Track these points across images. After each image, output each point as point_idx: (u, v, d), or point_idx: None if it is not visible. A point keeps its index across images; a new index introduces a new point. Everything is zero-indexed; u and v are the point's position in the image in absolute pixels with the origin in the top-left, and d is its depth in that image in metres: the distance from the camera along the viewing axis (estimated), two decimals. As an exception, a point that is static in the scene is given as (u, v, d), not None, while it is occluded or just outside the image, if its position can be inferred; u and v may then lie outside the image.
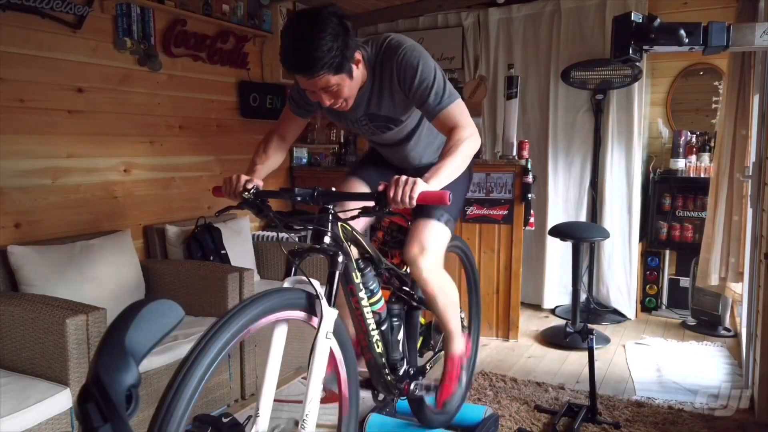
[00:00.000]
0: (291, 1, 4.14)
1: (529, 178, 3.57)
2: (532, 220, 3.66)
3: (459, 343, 2.09)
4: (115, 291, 2.67)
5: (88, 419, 1.03)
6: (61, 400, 1.97)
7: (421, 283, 1.89)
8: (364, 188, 2.04)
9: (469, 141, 1.64)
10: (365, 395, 2.08)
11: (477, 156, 3.66)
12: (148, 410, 2.29)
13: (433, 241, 1.86)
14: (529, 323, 4.04)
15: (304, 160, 4.39)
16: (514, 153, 3.67)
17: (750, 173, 3.05)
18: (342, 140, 4.36)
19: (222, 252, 3.21)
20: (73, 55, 2.82)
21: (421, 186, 1.45)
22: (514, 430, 2.49)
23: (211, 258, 3.13)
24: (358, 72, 1.67)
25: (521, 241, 3.62)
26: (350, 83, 1.64)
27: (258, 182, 1.69)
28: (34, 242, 2.56)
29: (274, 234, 3.70)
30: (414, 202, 1.44)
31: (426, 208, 1.90)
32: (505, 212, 3.61)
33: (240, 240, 3.42)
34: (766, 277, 2.47)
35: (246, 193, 1.63)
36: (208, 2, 3.50)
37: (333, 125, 4.41)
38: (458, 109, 1.70)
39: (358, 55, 1.64)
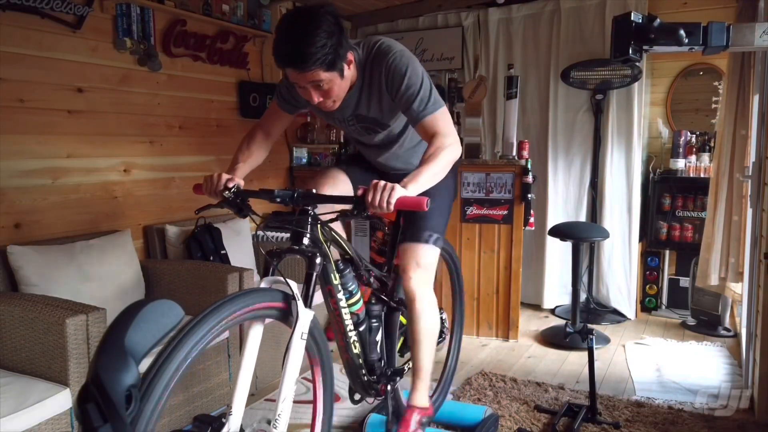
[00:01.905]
0: (291, 1, 4.14)
1: (529, 178, 3.57)
2: (531, 220, 3.65)
3: (423, 393, 2.04)
4: (115, 291, 2.67)
5: (87, 419, 1.03)
6: (61, 400, 1.97)
7: (408, 296, 1.93)
8: (344, 180, 2.05)
9: (449, 149, 1.66)
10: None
11: (476, 156, 3.71)
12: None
13: (425, 260, 1.93)
14: (529, 323, 4.04)
15: (304, 160, 4.39)
16: (514, 153, 3.67)
17: (750, 173, 3.05)
18: (342, 140, 4.36)
19: (222, 252, 3.21)
20: (73, 55, 2.82)
21: (399, 192, 1.46)
22: (514, 430, 2.49)
23: (211, 258, 3.13)
24: (349, 73, 1.69)
25: (521, 241, 3.62)
26: (340, 82, 1.65)
27: (239, 181, 1.70)
28: (33, 242, 2.56)
29: (276, 234, 3.69)
30: (392, 207, 1.45)
31: (412, 229, 1.95)
32: (505, 212, 3.61)
33: (240, 240, 3.42)
34: (766, 277, 2.47)
35: (226, 192, 1.64)
36: (208, 2, 3.50)
37: (333, 125, 4.41)
38: (441, 117, 1.72)
39: (350, 56, 1.66)
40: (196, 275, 2.79)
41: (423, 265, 1.92)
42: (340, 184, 2.03)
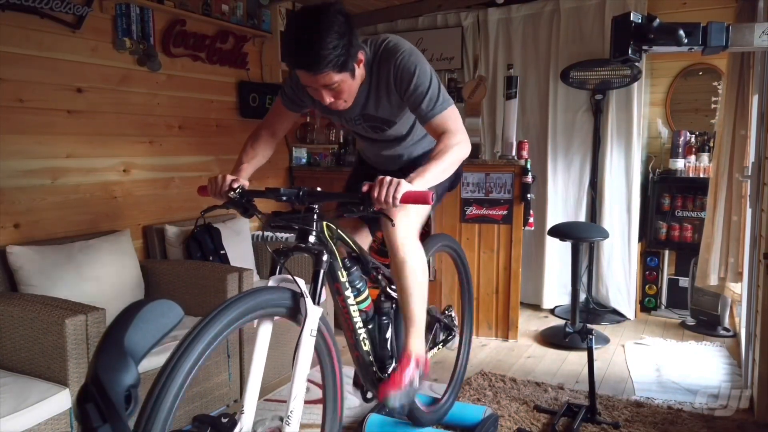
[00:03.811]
0: (290, 0, 4.14)
1: (529, 178, 3.57)
2: (531, 220, 3.66)
3: (419, 340, 1.94)
4: (115, 291, 2.67)
5: (87, 419, 1.03)
6: (61, 401, 1.97)
7: (391, 249, 1.83)
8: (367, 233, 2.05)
9: (458, 147, 1.65)
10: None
11: (476, 156, 3.71)
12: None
13: (412, 207, 1.78)
14: (529, 323, 4.04)
15: (304, 160, 4.39)
16: (514, 153, 3.67)
17: (749, 173, 3.05)
18: (341, 140, 4.36)
19: (221, 252, 3.20)
20: (73, 55, 2.82)
21: (405, 186, 1.46)
22: (514, 430, 2.49)
23: (211, 258, 3.13)
24: (359, 71, 1.69)
25: (521, 241, 3.62)
26: (351, 82, 1.65)
27: (244, 182, 1.71)
28: (33, 242, 2.56)
29: (276, 234, 3.69)
30: (398, 202, 1.45)
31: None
32: (505, 212, 3.61)
33: (239, 240, 3.42)
34: (765, 277, 2.47)
35: (231, 193, 1.65)
36: (208, 2, 3.50)
37: (333, 125, 4.41)
38: (451, 116, 1.71)
39: (360, 55, 1.65)
40: (196, 275, 2.79)
41: (409, 212, 1.80)
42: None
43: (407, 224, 1.83)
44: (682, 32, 2.30)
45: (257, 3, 3.89)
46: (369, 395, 2.03)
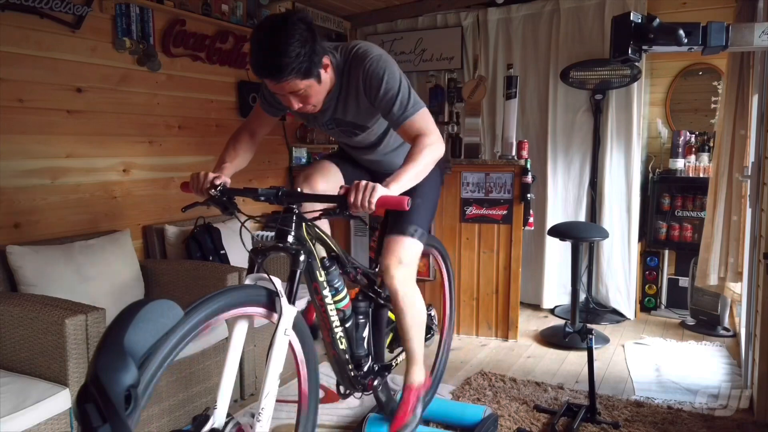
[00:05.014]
0: (290, 1, 4.14)
1: (529, 178, 3.57)
2: (531, 220, 3.66)
3: (419, 372, 2.12)
4: (114, 291, 2.67)
5: (87, 419, 1.03)
6: (61, 401, 1.97)
7: (392, 294, 1.96)
8: (336, 173, 2.08)
9: (432, 148, 1.68)
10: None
11: (476, 156, 3.71)
12: (148, 410, 2.29)
13: (408, 255, 1.94)
14: (529, 323, 4.04)
15: (303, 160, 4.39)
16: (514, 153, 3.68)
17: (749, 173, 3.05)
18: (341, 140, 4.36)
19: (221, 252, 3.21)
20: (72, 55, 2.82)
21: (381, 191, 1.49)
22: (514, 430, 2.49)
23: (210, 258, 3.13)
24: (327, 76, 1.71)
25: (520, 241, 3.62)
26: (318, 87, 1.69)
27: (225, 179, 1.73)
28: (33, 242, 2.56)
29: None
30: (373, 207, 1.48)
31: (397, 222, 1.97)
32: (505, 212, 3.61)
33: (239, 240, 3.42)
34: (765, 277, 2.47)
35: (213, 190, 1.67)
36: (207, 2, 3.50)
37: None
38: (422, 118, 1.74)
39: (326, 60, 1.68)
40: (196, 275, 2.79)
41: (405, 261, 1.93)
42: (332, 178, 2.06)
43: (406, 273, 1.93)
44: (682, 32, 2.30)
45: (257, 3, 3.89)
46: (345, 392, 2.05)
